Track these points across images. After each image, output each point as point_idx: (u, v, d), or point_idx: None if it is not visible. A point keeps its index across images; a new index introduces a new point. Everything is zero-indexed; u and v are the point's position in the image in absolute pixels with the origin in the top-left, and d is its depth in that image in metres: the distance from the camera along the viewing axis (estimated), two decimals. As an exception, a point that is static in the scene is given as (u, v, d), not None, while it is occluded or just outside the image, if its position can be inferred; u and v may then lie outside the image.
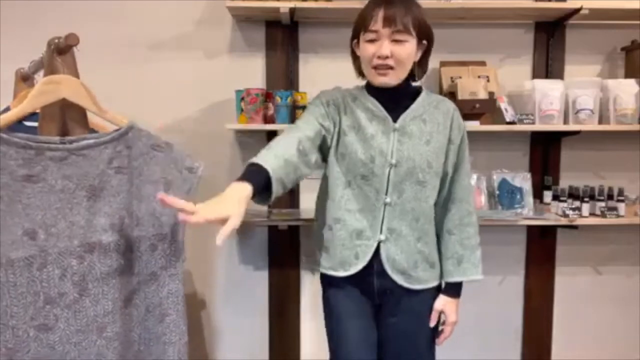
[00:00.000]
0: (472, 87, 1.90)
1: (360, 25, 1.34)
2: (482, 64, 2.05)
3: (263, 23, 2.04)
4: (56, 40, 1.16)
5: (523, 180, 2.02)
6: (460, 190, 1.43)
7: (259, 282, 2.15)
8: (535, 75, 2.09)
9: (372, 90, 1.40)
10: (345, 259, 1.37)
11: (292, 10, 1.87)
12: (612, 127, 1.94)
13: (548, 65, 2.09)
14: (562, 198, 1.99)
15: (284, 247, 2.12)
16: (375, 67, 1.32)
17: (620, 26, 2.08)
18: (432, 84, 2.06)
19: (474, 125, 1.89)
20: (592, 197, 2.00)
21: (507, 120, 1.91)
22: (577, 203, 1.97)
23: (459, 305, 1.45)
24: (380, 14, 1.28)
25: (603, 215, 1.95)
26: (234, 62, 2.07)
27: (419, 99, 1.40)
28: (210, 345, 2.16)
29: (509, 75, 2.08)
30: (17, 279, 1.11)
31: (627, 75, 2.08)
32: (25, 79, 1.54)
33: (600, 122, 1.97)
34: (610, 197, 2.00)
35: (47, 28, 1.34)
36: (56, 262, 1.13)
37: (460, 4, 1.88)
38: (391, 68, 1.31)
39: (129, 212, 1.20)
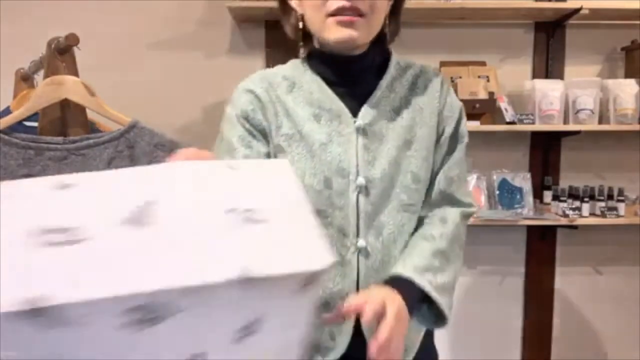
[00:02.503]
0: (472, 87, 1.90)
1: None
2: (482, 64, 2.05)
3: (263, 23, 2.04)
4: (56, 40, 1.16)
5: (523, 180, 2.02)
6: (447, 186, 0.91)
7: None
8: (535, 75, 2.09)
9: (317, 64, 0.90)
10: (319, 341, 0.88)
11: (292, 10, 1.86)
12: (612, 127, 1.94)
13: (548, 65, 2.09)
14: (562, 198, 1.99)
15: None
16: (335, 14, 0.80)
17: (620, 26, 2.08)
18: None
19: (474, 125, 1.89)
20: (592, 197, 2.00)
21: (507, 120, 1.91)
22: (577, 203, 1.97)
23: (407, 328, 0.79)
24: None
25: (603, 215, 1.95)
26: (234, 62, 2.07)
27: (388, 74, 0.89)
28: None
29: (509, 75, 2.08)
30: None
31: (627, 75, 2.08)
32: (25, 79, 1.54)
33: (600, 122, 1.97)
34: (610, 197, 2.00)
35: (47, 28, 1.34)
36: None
37: (460, 4, 1.88)
38: (361, 15, 0.80)
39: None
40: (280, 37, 2.01)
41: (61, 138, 1.15)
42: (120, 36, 2.02)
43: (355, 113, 0.87)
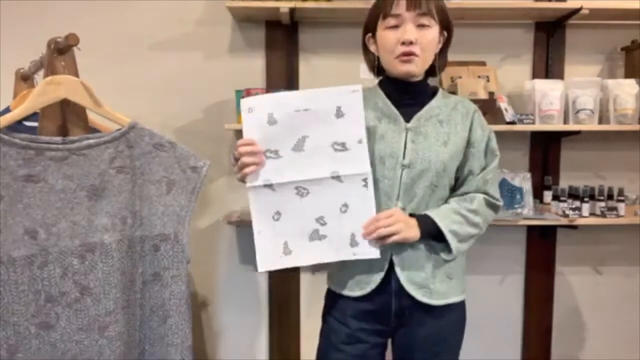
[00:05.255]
0: (472, 87, 1.90)
1: (377, 12, 1.24)
2: (482, 64, 2.05)
3: (263, 23, 2.04)
4: (56, 40, 1.16)
5: (523, 180, 2.02)
6: (483, 185, 1.30)
7: (259, 282, 2.15)
8: (535, 75, 2.09)
9: (386, 86, 1.32)
10: (360, 276, 1.27)
11: (292, 10, 1.87)
12: (612, 127, 1.94)
13: (548, 65, 2.09)
14: (562, 198, 1.99)
15: (284, 247, 2.12)
16: (399, 56, 1.22)
17: (620, 26, 2.08)
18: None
19: (474, 125, 1.89)
20: (592, 197, 2.00)
21: (507, 120, 1.91)
22: (577, 203, 1.97)
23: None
24: None
25: (603, 215, 1.95)
26: (234, 62, 2.07)
27: (435, 99, 1.31)
28: (210, 345, 2.16)
29: (509, 75, 2.08)
30: (19, 277, 1.11)
31: (627, 75, 2.08)
32: (25, 79, 1.54)
33: (600, 122, 1.97)
34: (610, 197, 2.00)
35: (47, 28, 1.34)
36: (57, 261, 1.13)
37: (460, 4, 1.88)
38: (416, 55, 1.21)
39: (131, 212, 1.20)
40: (280, 37, 2.04)
41: (60, 138, 1.15)
42: (120, 36, 2.02)
43: (409, 119, 1.27)
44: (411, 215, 1.25)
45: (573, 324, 2.22)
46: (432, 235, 1.23)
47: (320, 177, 1.19)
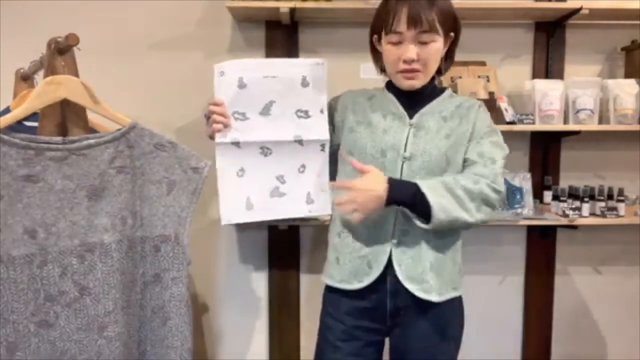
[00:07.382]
0: (472, 87, 1.90)
1: (380, 22, 1.24)
2: (482, 63, 2.05)
3: (263, 23, 2.04)
4: (56, 40, 1.16)
5: (523, 180, 2.02)
6: (476, 167, 1.26)
7: (259, 282, 2.15)
8: (535, 75, 2.09)
9: (393, 89, 1.34)
10: (357, 268, 1.27)
11: (292, 10, 1.86)
12: (612, 127, 1.94)
13: (548, 65, 2.09)
14: (562, 198, 1.99)
15: (284, 247, 2.12)
16: (401, 72, 1.25)
17: (620, 26, 2.08)
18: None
19: (474, 125, 1.88)
20: (592, 197, 2.00)
21: (507, 120, 1.91)
22: (577, 203, 1.97)
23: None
24: (403, 13, 1.18)
25: (603, 215, 1.95)
26: (234, 62, 2.07)
27: (441, 97, 1.33)
28: (209, 345, 2.16)
29: (509, 75, 2.08)
30: (18, 276, 1.11)
31: (627, 75, 2.08)
32: (25, 79, 1.54)
33: (600, 122, 1.97)
34: (610, 197, 2.00)
35: (47, 28, 1.34)
36: (56, 260, 1.13)
37: (460, 4, 1.88)
38: (419, 71, 1.24)
39: (131, 212, 1.20)
40: (280, 37, 2.04)
41: (60, 138, 1.15)
42: (120, 36, 2.02)
43: (412, 116, 1.30)
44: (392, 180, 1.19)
45: (573, 324, 2.22)
46: (408, 203, 1.18)
47: (284, 140, 1.28)
